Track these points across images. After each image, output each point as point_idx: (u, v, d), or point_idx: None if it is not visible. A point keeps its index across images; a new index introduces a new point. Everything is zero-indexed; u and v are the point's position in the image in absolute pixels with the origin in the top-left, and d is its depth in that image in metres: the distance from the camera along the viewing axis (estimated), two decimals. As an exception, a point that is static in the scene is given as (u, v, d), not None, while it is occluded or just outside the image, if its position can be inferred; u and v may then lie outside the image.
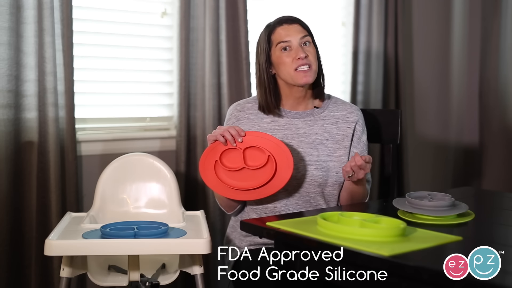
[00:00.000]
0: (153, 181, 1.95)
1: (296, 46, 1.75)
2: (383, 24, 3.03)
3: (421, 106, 3.43)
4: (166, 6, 2.43)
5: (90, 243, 1.49)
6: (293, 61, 1.74)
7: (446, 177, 3.64)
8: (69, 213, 1.81)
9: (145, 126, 2.43)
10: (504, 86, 3.40)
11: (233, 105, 1.88)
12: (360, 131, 1.85)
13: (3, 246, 1.96)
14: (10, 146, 1.97)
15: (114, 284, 1.70)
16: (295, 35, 1.76)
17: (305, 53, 1.74)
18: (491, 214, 1.70)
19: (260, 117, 1.83)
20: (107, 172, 1.93)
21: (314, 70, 1.76)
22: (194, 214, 1.83)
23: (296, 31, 1.77)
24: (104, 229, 1.55)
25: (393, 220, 1.32)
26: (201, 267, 1.64)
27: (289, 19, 1.80)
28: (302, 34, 1.77)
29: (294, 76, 1.75)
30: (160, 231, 1.54)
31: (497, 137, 3.42)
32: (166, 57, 2.45)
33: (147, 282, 1.61)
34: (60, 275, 1.60)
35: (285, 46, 1.76)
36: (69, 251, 1.50)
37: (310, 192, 1.79)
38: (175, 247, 1.52)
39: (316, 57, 1.79)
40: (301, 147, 1.80)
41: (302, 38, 1.76)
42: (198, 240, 1.53)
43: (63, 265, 1.59)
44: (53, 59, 2.03)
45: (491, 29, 3.43)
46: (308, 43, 1.77)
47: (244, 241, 1.84)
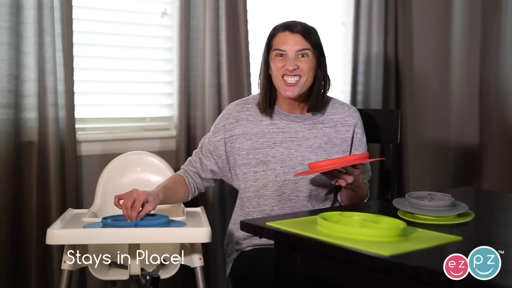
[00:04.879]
0: (153, 179, 1.96)
1: (290, 56, 1.72)
2: (383, 24, 3.03)
3: (421, 106, 3.43)
4: (166, 6, 2.43)
5: (92, 232, 1.50)
6: (281, 68, 1.73)
7: (446, 177, 3.64)
8: (70, 209, 1.82)
9: (145, 126, 2.43)
10: (504, 86, 3.40)
11: (233, 104, 1.87)
12: (360, 134, 1.85)
13: (3, 246, 1.96)
14: (10, 146, 1.97)
15: (115, 278, 1.69)
16: (293, 46, 1.72)
17: (295, 65, 1.71)
18: (491, 214, 1.70)
19: (259, 119, 1.82)
20: (108, 170, 1.95)
21: (302, 84, 1.73)
22: (194, 210, 1.84)
23: (295, 42, 1.73)
24: (105, 220, 1.56)
25: (393, 220, 1.33)
26: (201, 260, 1.64)
27: (293, 26, 1.74)
28: (301, 47, 1.72)
29: (280, 85, 1.74)
30: (161, 222, 1.55)
31: (497, 137, 3.42)
32: (166, 57, 2.45)
33: (147, 275, 1.61)
34: (62, 268, 1.59)
35: (280, 53, 1.74)
36: (70, 240, 1.50)
37: (307, 196, 1.78)
38: (176, 236, 1.52)
39: (312, 70, 1.75)
40: (300, 150, 1.79)
41: (299, 51, 1.72)
42: (198, 229, 1.53)
43: (65, 257, 1.59)
44: (53, 59, 2.03)
45: (491, 29, 3.43)
46: (305, 56, 1.73)
47: (242, 244, 1.84)
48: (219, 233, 2.45)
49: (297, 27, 1.74)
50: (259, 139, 1.80)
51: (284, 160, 1.77)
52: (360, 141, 1.84)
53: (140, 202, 1.57)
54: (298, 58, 1.73)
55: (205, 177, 1.85)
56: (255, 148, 1.79)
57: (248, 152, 1.79)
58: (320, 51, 1.77)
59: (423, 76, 3.43)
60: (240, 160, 1.80)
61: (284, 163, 1.77)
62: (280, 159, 1.77)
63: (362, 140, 1.85)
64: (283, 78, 1.73)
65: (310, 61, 1.74)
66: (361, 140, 1.84)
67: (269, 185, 1.77)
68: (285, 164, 1.77)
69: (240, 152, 1.80)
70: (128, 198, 1.57)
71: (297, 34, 1.73)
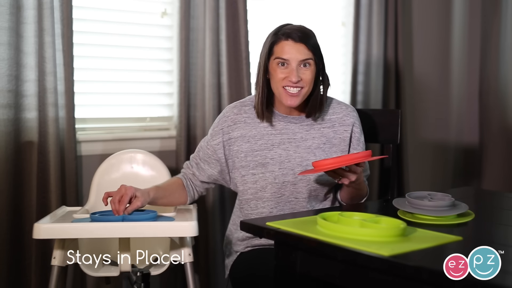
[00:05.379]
0: (147, 177, 1.97)
1: (293, 66, 1.70)
2: (383, 24, 3.03)
3: (421, 106, 3.42)
4: (166, 6, 2.43)
5: (79, 226, 1.50)
6: (284, 79, 1.70)
7: (446, 177, 3.64)
8: (64, 206, 1.83)
9: (145, 126, 2.43)
10: (504, 86, 3.40)
11: (230, 106, 1.86)
12: (359, 133, 1.84)
13: (3, 246, 1.96)
14: (10, 146, 1.97)
15: (106, 274, 1.69)
16: (296, 56, 1.69)
17: (299, 77, 1.69)
18: (491, 214, 1.70)
19: (257, 121, 1.81)
20: (102, 168, 1.96)
21: (304, 93, 1.72)
22: (187, 207, 1.84)
23: (299, 52, 1.70)
24: (93, 215, 1.56)
25: (393, 220, 1.33)
26: (191, 256, 1.64)
27: (297, 36, 1.70)
28: (304, 57, 1.70)
29: (281, 94, 1.72)
30: (149, 216, 1.56)
31: (497, 137, 3.42)
32: (166, 57, 2.45)
33: (138, 272, 1.62)
34: (51, 264, 1.60)
35: (282, 62, 1.71)
36: (57, 234, 1.51)
37: (306, 197, 1.78)
38: (162, 230, 1.53)
39: (313, 80, 1.73)
40: (298, 152, 1.78)
41: (302, 61, 1.70)
42: (185, 222, 1.54)
43: (54, 253, 1.59)
44: (53, 59, 2.03)
45: (491, 29, 3.43)
46: (308, 65, 1.71)
47: (241, 245, 1.83)
48: (219, 233, 2.45)
49: (299, 36, 1.70)
50: (257, 141, 1.79)
51: (282, 162, 1.77)
52: (359, 140, 1.83)
53: (128, 196, 1.60)
54: (301, 67, 1.70)
55: (202, 180, 1.86)
56: (253, 150, 1.78)
57: (247, 154, 1.79)
58: (319, 56, 1.75)
59: (423, 76, 3.43)
60: (239, 163, 1.79)
61: (283, 165, 1.77)
62: (279, 160, 1.77)
63: (360, 139, 1.84)
64: (284, 88, 1.71)
65: (312, 71, 1.72)
66: (359, 139, 1.84)
67: (268, 187, 1.77)
68: (283, 165, 1.77)
69: (238, 154, 1.79)
70: (116, 194, 1.61)
71: (300, 43, 1.70)
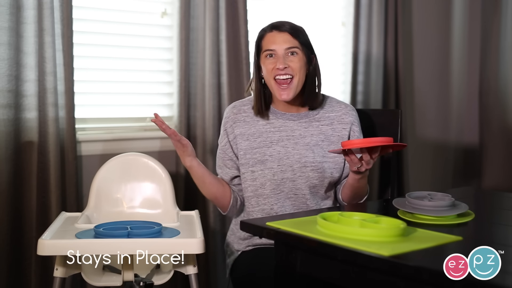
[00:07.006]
0: (147, 181, 1.95)
1: (279, 55, 1.74)
2: (383, 24, 3.03)
3: (421, 106, 3.43)
4: (166, 6, 2.43)
5: (83, 242, 1.49)
6: (273, 70, 1.74)
7: (446, 177, 3.64)
8: (64, 213, 1.81)
9: (145, 126, 2.42)
10: (504, 86, 3.40)
11: (230, 107, 1.89)
12: (358, 132, 1.85)
13: (3, 246, 1.96)
14: (10, 146, 1.97)
15: (108, 284, 1.69)
16: (281, 44, 1.74)
17: (286, 63, 1.72)
18: (491, 214, 1.70)
19: (256, 119, 1.83)
20: (102, 172, 1.93)
21: (295, 84, 1.74)
22: (189, 214, 1.83)
23: (283, 40, 1.74)
24: (98, 229, 1.54)
25: (393, 220, 1.33)
26: (195, 267, 1.63)
27: (280, 26, 1.76)
28: (289, 44, 1.74)
29: (274, 88, 1.76)
30: (154, 231, 1.54)
31: (497, 137, 3.42)
32: (166, 57, 2.45)
33: (141, 282, 1.60)
34: (54, 275, 1.59)
35: (270, 53, 1.75)
36: (62, 250, 1.49)
37: (306, 194, 1.79)
38: (169, 247, 1.51)
39: (303, 68, 1.75)
40: (297, 148, 1.80)
41: (287, 49, 1.74)
42: (191, 240, 1.52)
43: (57, 265, 1.58)
44: (53, 59, 2.03)
45: (491, 29, 3.42)
46: (295, 53, 1.74)
47: (243, 244, 1.84)
48: (219, 234, 2.45)
49: (284, 26, 1.76)
50: (256, 139, 1.81)
51: (281, 159, 1.78)
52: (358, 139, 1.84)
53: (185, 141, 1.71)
54: (288, 56, 1.74)
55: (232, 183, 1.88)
56: (252, 148, 1.80)
57: (246, 152, 1.81)
58: (309, 49, 1.79)
59: (423, 76, 3.43)
60: (239, 161, 1.81)
61: (281, 162, 1.78)
62: (277, 157, 1.78)
63: (360, 138, 1.85)
64: (275, 80, 1.73)
65: (300, 59, 1.75)
66: (358, 138, 1.84)
67: (267, 184, 1.78)
68: (282, 162, 1.78)
69: (238, 152, 1.82)
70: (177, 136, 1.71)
71: (285, 32, 1.75)
